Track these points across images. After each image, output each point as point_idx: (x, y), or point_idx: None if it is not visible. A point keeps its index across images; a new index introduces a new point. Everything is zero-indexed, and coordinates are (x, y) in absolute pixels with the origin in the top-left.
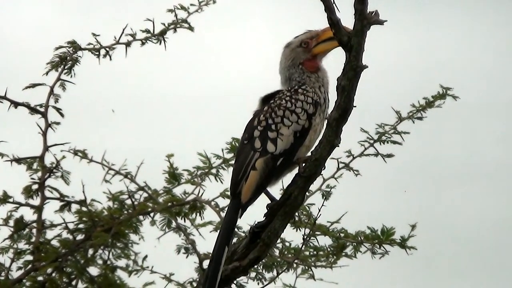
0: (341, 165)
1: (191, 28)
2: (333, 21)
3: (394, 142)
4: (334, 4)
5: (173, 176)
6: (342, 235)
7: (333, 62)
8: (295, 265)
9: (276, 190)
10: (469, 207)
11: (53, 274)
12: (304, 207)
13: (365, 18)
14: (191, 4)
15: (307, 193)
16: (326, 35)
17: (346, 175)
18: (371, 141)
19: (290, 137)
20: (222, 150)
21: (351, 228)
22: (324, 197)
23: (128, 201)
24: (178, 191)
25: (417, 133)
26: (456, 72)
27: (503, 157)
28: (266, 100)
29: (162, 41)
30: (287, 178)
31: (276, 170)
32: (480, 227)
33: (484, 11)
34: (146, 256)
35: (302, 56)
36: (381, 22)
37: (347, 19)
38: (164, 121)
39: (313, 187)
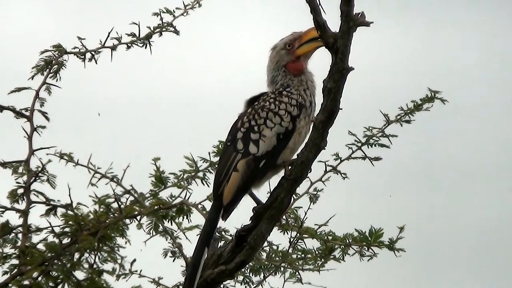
0: (328, 168)
1: (176, 32)
2: (319, 23)
3: (382, 145)
4: (320, 6)
5: (160, 180)
6: (330, 238)
7: (320, 64)
8: (282, 268)
9: (263, 193)
10: (458, 210)
11: (39, 278)
12: (292, 210)
13: (351, 20)
14: (177, 8)
15: (294, 196)
16: (309, 36)
17: (333, 178)
18: (359, 144)
19: (272, 139)
20: (209, 153)
21: (339, 231)
22: (311, 200)
23: (115, 205)
24: (164, 194)
25: (405, 136)
26: (447, 73)
27: (496, 160)
28: (252, 102)
29: (148, 45)
30: (274, 181)
31: (259, 172)
32: (469, 229)
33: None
34: (134, 260)
35: (285, 59)
36: (367, 24)
37: (333, 21)
38: (151, 124)
39: (300, 190)
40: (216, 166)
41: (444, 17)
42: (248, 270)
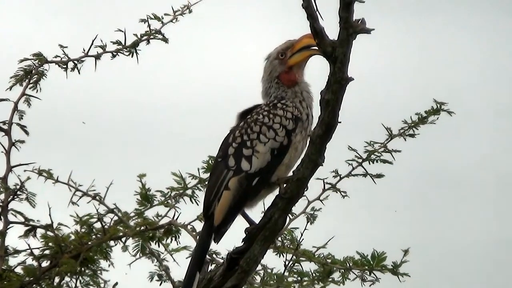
0: (327, 186)
1: (165, 40)
2: (316, 30)
3: (384, 161)
4: (317, 12)
5: (145, 198)
6: (328, 261)
7: (317, 74)
8: None
9: (256, 212)
10: (465, 229)
11: None
12: (288, 230)
13: (351, 27)
14: (166, 14)
15: (290, 216)
16: (301, 44)
17: (332, 196)
18: (359, 160)
19: (266, 155)
20: (198, 169)
21: (338, 253)
22: (308, 221)
23: (97, 225)
24: (150, 213)
25: (409, 151)
26: (453, 83)
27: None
28: (244, 115)
29: (134, 54)
30: (268, 200)
31: (252, 190)
32: (479, 250)
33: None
34: (116, 284)
35: (278, 69)
36: (368, 31)
37: (332, 28)
38: (136, 138)
39: (296, 209)
40: (206, 183)
41: (449, 21)
42: None
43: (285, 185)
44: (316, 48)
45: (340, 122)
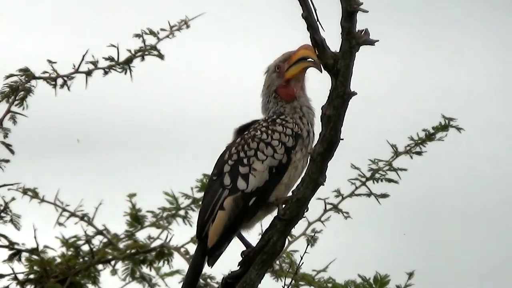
0: (328, 207)
1: (160, 56)
2: (317, 41)
3: (390, 181)
4: (318, 22)
5: (136, 219)
6: (329, 285)
7: (319, 88)
8: None
9: (253, 235)
10: (475, 252)
11: None
12: (287, 253)
13: (354, 38)
14: (162, 29)
15: (288, 238)
16: (297, 56)
17: (334, 217)
18: (363, 179)
19: (264, 173)
20: (192, 188)
21: (340, 277)
22: (308, 243)
23: (85, 247)
24: (141, 235)
25: (415, 169)
26: (461, 98)
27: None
28: (241, 131)
29: (128, 70)
30: (266, 222)
31: (248, 211)
32: (487, 274)
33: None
34: None
35: (275, 83)
36: (372, 42)
37: (334, 39)
38: (126, 155)
39: (296, 231)
40: (200, 203)
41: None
42: None
43: (284, 205)
44: (312, 60)
45: (342, 139)
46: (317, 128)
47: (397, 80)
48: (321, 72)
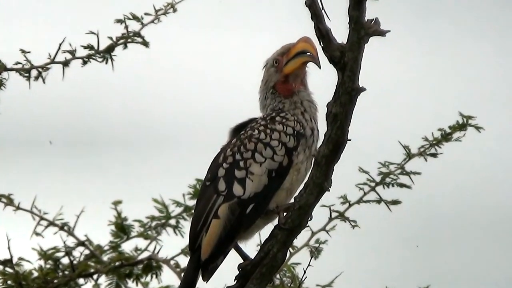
0: (334, 214)
1: (145, 43)
2: (322, 32)
3: (402, 186)
4: (323, 11)
5: (121, 228)
6: None
7: (323, 84)
8: None
9: (251, 246)
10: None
11: None
12: (288, 266)
13: (363, 28)
14: (146, 13)
15: (290, 250)
16: (295, 50)
17: (340, 226)
18: (372, 184)
19: (263, 177)
20: (183, 195)
21: None
22: (312, 255)
23: (65, 260)
24: (127, 247)
25: (430, 173)
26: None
27: None
28: (237, 130)
29: (109, 60)
30: (265, 231)
31: (245, 219)
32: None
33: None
34: None
35: (273, 78)
36: (382, 33)
37: (340, 30)
38: (110, 158)
39: (298, 242)
40: (193, 211)
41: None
42: None
43: (285, 213)
44: (310, 54)
45: (349, 140)
46: (322, 127)
47: (411, 74)
48: (320, 68)
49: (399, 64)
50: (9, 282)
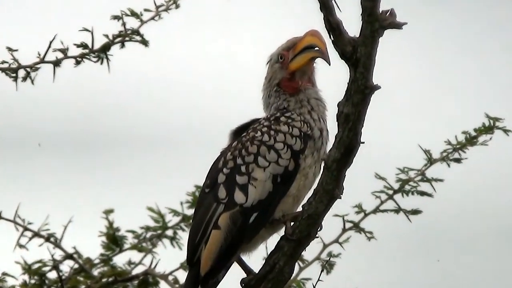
0: (348, 225)
1: (144, 42)
2: (332, 24)
3: (422, 194)
4: (333, 1)
5: (113, 240)
6: None
7: (332, 81)
8: None
9: (255, 258)
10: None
11: None
12: (297, 282)
13: (377, 20)
14: (146, 10)
15: (299, 263)
16: (302, 44)
17: (355, 238)
18: (390, 192)
19: (267, 183)
20: (181, 203)
21: None
22: (323, 269)
23: (52, 274)
24: (120, 260)
25: (453, 180)
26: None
27: None
28: (239, 132)
29: (105, 60)
30: (271, 242)
31: (248, 229)
32: None
33: None
34: None
35: (278, 75)
36: (399, 26)
37: (352, 22)
38: (102, 162)
39: (308, 255)
40: (191, 221)
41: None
42: None
43: (292, 223)
44: (319, 49)
45: (363, 143)
46: (332, 128)
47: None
48: (330, 64)
49: (417, 60)
50: None
